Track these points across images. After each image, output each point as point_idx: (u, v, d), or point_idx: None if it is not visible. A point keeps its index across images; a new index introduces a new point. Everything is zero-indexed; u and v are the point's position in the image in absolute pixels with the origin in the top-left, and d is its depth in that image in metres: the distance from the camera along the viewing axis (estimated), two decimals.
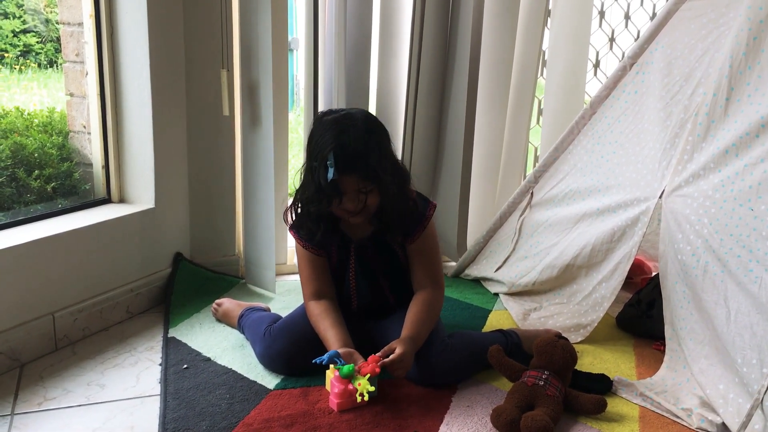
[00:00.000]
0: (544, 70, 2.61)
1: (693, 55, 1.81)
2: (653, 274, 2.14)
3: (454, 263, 2.43)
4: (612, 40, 2.86)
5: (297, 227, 1.62)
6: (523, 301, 2.08)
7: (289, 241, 2.29)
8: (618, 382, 1.58)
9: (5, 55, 2.21)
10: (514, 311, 2.03)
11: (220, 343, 1.77)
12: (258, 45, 1.99)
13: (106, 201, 2.01)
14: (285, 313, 1.77)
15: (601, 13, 2.79)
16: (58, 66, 2.22)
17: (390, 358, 1.46)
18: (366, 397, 1.41)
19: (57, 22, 2.08)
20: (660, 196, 1.77)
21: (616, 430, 1.43)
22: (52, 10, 2.27)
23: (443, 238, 2.40)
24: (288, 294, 2.13)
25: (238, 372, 1.62)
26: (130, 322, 1.92)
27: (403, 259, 1.67)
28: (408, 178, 1.60)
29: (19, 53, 2.24)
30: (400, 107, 2.35)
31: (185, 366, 1.63)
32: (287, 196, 2.30)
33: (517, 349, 1.69)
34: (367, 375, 1.43)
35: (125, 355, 1.71)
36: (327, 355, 1.46)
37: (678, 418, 1.46)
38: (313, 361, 1.47)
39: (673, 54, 1.86)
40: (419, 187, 1.67)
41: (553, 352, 1.51)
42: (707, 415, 1.43)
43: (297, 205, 1.60)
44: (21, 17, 2.23)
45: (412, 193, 1.61)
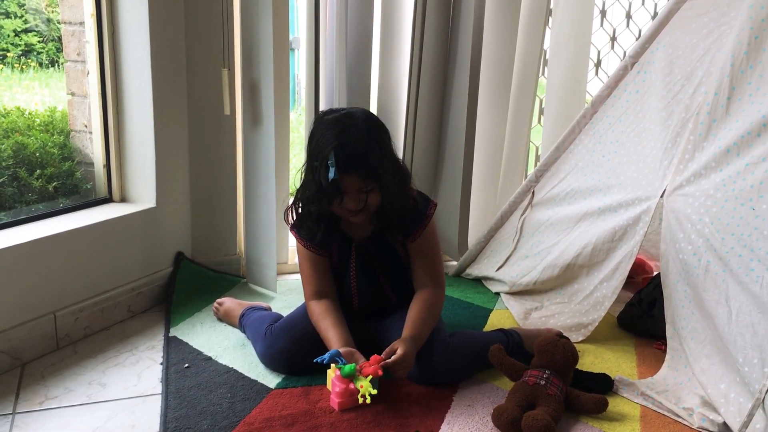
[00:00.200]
0: (546, 69, 2.60)
1: (694, 55, 1.81)
2: (654, 274, 2.13)
3: (455, 262, 2.43)
4: (613, 39, 2.86)
5: (298, 227, 1.62)
6: (525, 301, 2.08)
7: (290, 241, 2.29)
8: (619, 382, 1.58)
9: (7, 55, 2.21)
10: (515, 310, 2.03)
11: (221, 343, 1.77)
12: (259, 44, 1.99)
13: (108, 200, 2.01)
14: (286, 312, 1.77)
15: (603, 13, 2.78)
16: (59, 65, 2.22)
17: (392, 359, 1.46)
18: (368, 399, 1.41)
19: (58, 22, 2.08)
20: (661, 196, 1.76)
21: (617, 429, 1.42)
22: (54, 10, 2.27)
23: (444, 237, 2.40)
24: (289, 293, 2.13)
25: (239, 371, 1.62)
26: (132, 321, 1.92)
27: (404, 258, 1.66)
28: (409, 177, 1.60)
29: (20, 53, 2.24)
30: (401, 106, 2.35)
31: (186, 365, 1.64)
32: (288, 195, 2.31)
33: (518, 348, 1.69)
34: (369, 376, 1.43)
35: (126, 354, 1.71)
36: (328, 355, 1.46)
37: (679, 417, 1.46)
38: (314, 361, 1.47)
39: (675, 53, 1.86)
40: (420, 187, 1.67)
41: (554, 351, 1.51)
42: (708, 415, 1.43)
43: (298, 205, 1.60)
44: (22, 16, 2.23)
45: (413, 192, 1.61)
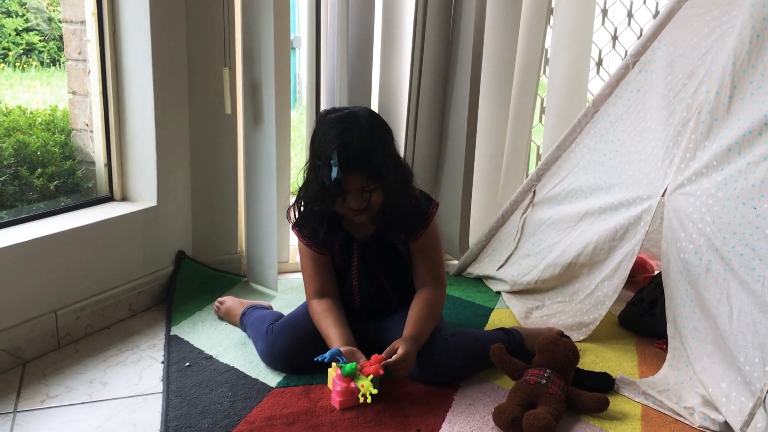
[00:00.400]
0: (547, 68, 2.60)
1: (696, 53, 1.81)
2: (656, 273, 2.13)
3: (456, 261, 2.43)
4: (615, 38, 2.85)
5: (300, 225, 1.62)
6: (526, 300, 2.08)
7: (291, 239, 2.28)
8: (620, 381, 1.58)
9: (8, 54, 2.21)
10: (517, 309, 2.03)
11: (223, 341, 1.77)
12: (260, 43, 1.99)
13: (109, 199, 2.01)
14: (287, 311, 1.77)
15: (604, 11, 2.78)
16: (60, 64, 2.22)
17: (393, 358, 1.46)
18: (369, 399, 1.41)
19: (59, 21, 2.08)
20: (663, 195, 1.76)
21: (618, 428, 1.42)
22: (55, 9, 2.27)
23: (445, 236, 2.40)
24: (290, 292, 2.13)
25: (240, 370, 1.62)
26: (133, 320, 1.92)
27: (406, 257, 1.66)
28: (411, 176, 1.59)
29: (21, 51, 2.24)
30: (402, 105, 2.35)
31: (187, 364, 1.64)
32: (289, 194, 2.31)
33: (519, 347, 1.69)
34: (370, 376, 1.43)
35: (128, 353, 1.71)
36: (329, 353, 1.46)
37: (680, 416, 1.46)
38: (315, 359, 1.47)
39: (676, 52, 1.86)
40: (421, 186, 1.67)
41: (555, 350, 1.51)
42: (710, 414, 1.43)
43: (300, 204, 1.60)
44: (24, 15, 2.24)
45: (415, 191, 1.61)
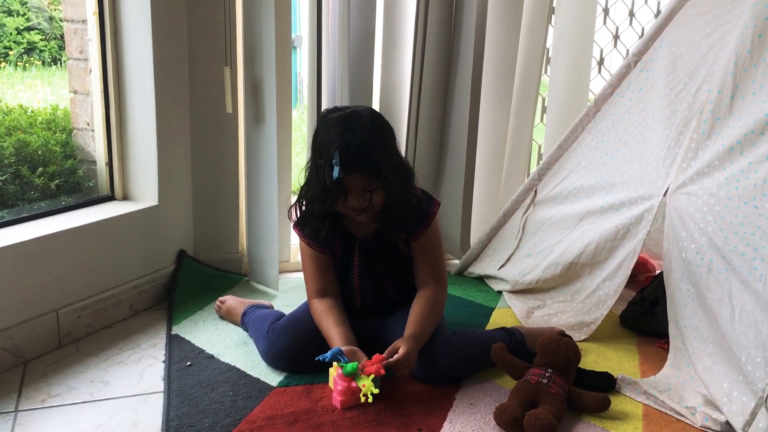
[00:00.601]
0: (548, 67, 2.60)
1: (698, 53, 1.81)
2: (657, 272, 2.13)
3: (457, 261, 2.42)
4: (616, 37, 2.85)
5: (301, 224, 1.62)
6: (527, 299, 2.08)
7: (293, 239, 2.28)
8: (621, 381, 1.58)
9: (9, 53, 2.21)
10: (518, 309, 2.02)
11: (224, 341, 1.77)
12: (261, 42, 1.98)
13: (110, 198, 2.01)
14: (288, 310, 1.77)
15: (606, 11, 2.78)
16: (61, 63, 2.22)
17: (394, 358, 1.45)
18: (370, 399, 1.41)
19: (61, 20, 2.08)
20: (664, 194, 1.76)
21: (619, 428, 1.42)
22: (56, 8, 2.27)
23: (446, 235, 2.39)
24: (291, 291, 2.13)
25: (242, 369, 1.62)
26: (134, 319, 1.92)
27: (407, 256, 1.66)
28: (412, 175, 1.59)
29: (22, 50, 2.24)
30: (404, 105, 2.35)
31: (188, 363, 1.64)
32: (291, 193, 2.30)
33: (520, 347, 1.68)
34: (371, 375, 1.42)
35: (129, 353, 1.71)
36: (330, 353, 1.46)
37: (682, 416, 1.46)
38: (316, 359, 1.47)
39: (678, 51, 1.86)
40: (423, 185, 1.67)
41: (556, 350, 1.50)
42: (711, 414, 1.43)
43: (301, 203, 1.60)
44: (25, 14, 2.24)
45: (417, 190, 1.61)
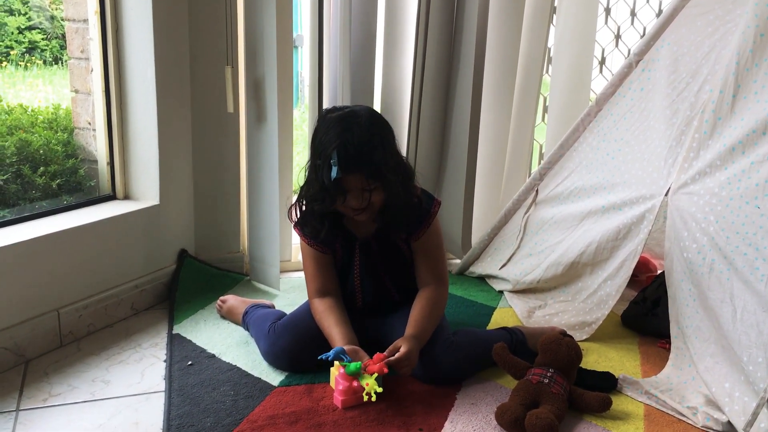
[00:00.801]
0: (550, 67, 2.60)
1: (699, 52, 1.80)
2: (659, 272, 2.13)
3: (458, 260, 2.42)
4: (618, 37, 2.85)
5: (301, 224, 1.62)
6: (528, 299, 2.08)
7: (294, 238, 2.28)
8: (623, 380, 1.58)
9: (10, 52, 2.21)
10: (519, 309, 2.02)
11: (225, 340, 1.77)
12: (263, 42, 1.98)
13: (111, 198, 2.01)
14: (289, 310, 1.77)
15: (607, 10, 2.77)
16: (63, 63, 2.22)
17: (395, 356, 1.45)
18: (374, 397, 1.41)
19: (62, 19, 2.09)
20: (666, 194, 1.76)
21: (621, 428, 1.42)
22: (58, 7, 2.28)
23: (447, 235, 2.39)
24: (292, 291, 2.13)
25: (243, 369, 1.62)
26: (135, 318, 1.92)
27: (408, 256, 1.66)
28: (412, 175, 1.59)
29: (24, 50, 2.24)
30: (405, 104, 2.34)
31: (190, 363, 1.64)
32: (292, 192, 2.30)
33: (521, 346, 1.68)
34: (375, 374, 1.42)
35: (130, 352, 1.71)
36: (333, 352, 1.46)
37: (683, 416, 1.46)
38: (318, 357, 1.47)
39: (680, 51, 1.85)
40: (424, 185, 1.67)
41: (557, 349, 1.50)
42: (713, 414, 1.42)
43: (301, 203, 1.60)
44: (26, 14, 2.24)
45: (417, 190, 1.61)
